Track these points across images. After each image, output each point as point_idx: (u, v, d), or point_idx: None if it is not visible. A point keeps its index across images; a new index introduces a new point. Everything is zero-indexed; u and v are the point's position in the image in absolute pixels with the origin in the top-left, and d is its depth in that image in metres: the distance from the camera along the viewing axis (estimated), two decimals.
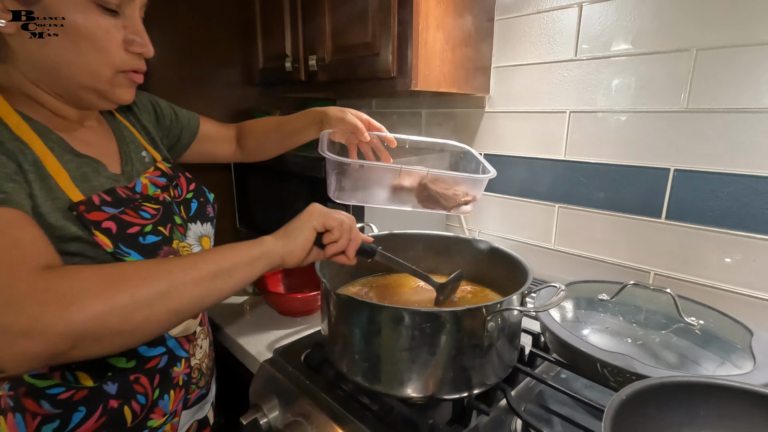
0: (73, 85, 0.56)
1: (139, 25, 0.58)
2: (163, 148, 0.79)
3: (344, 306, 0.63)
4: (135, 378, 0.62)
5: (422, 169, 0.73)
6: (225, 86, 1.41)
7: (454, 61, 1.02)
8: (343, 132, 0.83)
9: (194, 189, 0.75)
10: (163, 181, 0.69)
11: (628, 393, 0.52)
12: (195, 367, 0.72)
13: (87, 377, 0.59)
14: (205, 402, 0.77)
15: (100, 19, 0.54)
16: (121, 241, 0.56)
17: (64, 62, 0.54)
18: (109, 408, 0.60)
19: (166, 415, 0.66)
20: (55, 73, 0.55)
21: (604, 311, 0.80)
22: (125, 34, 0.57)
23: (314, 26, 1.11)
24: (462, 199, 0.76)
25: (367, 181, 0.77)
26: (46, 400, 0.57)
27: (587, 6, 0.96)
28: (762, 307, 0.82)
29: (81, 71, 0.55)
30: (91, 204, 0.55)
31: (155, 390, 0.65)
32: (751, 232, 0.82)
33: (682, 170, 0.88)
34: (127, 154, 0.68)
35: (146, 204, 0.62)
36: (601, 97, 0.97)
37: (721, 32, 0.80)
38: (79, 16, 0.52)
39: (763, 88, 0.77)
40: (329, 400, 0.67)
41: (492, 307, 0.58)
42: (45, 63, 0.54)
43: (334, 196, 0.76)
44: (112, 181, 0.61)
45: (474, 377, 0.60)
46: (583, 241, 1.06)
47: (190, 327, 0.71)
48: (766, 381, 0.58)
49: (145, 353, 0.64)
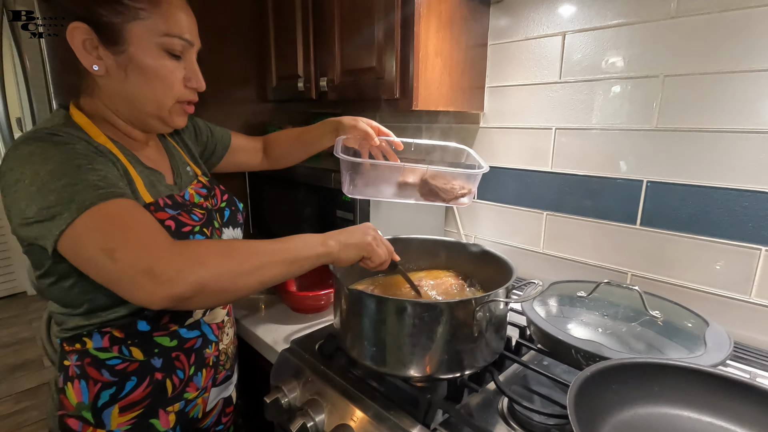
0: (143, 113, 0.70)
1: (195, 66, 0.72)
2: (202, 164, 0.93)
3: (355, 299, 0.74)
4: (176, 355, 0.74)
5: (423, 166, 0.85)
6: (241, 103, 1.53)
7: (451, 83, 1.14)
8: (356, 138, 0.95)
9: (227, 199, 0.87)
10: (204, 192, 0.82)
11: (592, 371, 0.63)
12: (222, 351, 0.84)
13: (139, 352, 0.71)
14: (230, 383, 0.88)
15: (168, 62, 0.68)
16: (177, 236, 0.68)
17: (138, 95, 0.68)
18: (155, 379, 0.72)
19: (199, 390, 0.78)
20: (131, 103, 0.69)
21: (581, 306, 0.91)
22: (185, 73, 0.71)
23: (325, 51, 1.23)
24: (459, 192, 0.87)
25: (376, 179, 0.89)
26: (106, 370, 0.69)
27: (570, 35, 1.07)
28: (721, 302, 0.93)
29: (150, 102, 0.69)
30: (158, 205, 0.68)
31: (191, 367, 0.76)
32: (712, 236, 0.92)
33: (653, 182, 0.99)
34: (177, 169, 0.82)
35: (196, 209, 0.75)
36: (583, 116, 1.08)
37: (685, 62, 0.91)
38: (153, 60, 0.67)
39: (719, 110, 0.88)
40: (342, 382, 0.78)
41: (480, 299, 0.68)
42: (124, 96, 0.68)
43: (348, 192, 0.88)
44: (169, 190, 0.75)
45: (465, 360, 0.71)
46: (569, 245, 1.17)
47: (218, 315, 0.83)
48: (712, 362, 0.68)
49: (185, 335, 0.76)
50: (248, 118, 1.55)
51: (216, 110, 1.47)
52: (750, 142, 0.86)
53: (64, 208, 0.54)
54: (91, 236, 0.54)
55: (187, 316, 0.76)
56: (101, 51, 0.64)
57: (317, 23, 1.24)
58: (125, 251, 0.54)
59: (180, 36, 0.68)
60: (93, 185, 0.56)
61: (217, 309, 0.82)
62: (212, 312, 0.81)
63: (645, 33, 0.95)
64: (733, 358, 0.84)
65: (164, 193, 0.72)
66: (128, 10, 0.63)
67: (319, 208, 1.27)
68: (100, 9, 0.62)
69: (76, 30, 0.63)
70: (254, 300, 1.19)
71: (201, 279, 0.54)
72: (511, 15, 1.17)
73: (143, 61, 0.66)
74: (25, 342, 2.84)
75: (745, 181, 0.87)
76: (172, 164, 0.81)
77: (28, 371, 2.53)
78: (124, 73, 0.66)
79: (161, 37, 0.66)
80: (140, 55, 0.65)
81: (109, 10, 0.63)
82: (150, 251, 0.54)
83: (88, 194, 0.55)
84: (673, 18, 0.91)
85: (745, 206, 0.88)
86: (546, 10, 1.10)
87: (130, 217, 0.57)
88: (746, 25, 0.83)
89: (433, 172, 0.86)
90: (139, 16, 0.64)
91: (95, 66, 0.65)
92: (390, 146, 0.97)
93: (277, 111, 1.61)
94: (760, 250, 0.87)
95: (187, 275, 0.54)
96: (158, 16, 0.65)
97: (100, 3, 0.63)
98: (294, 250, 0.64)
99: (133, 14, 0.64)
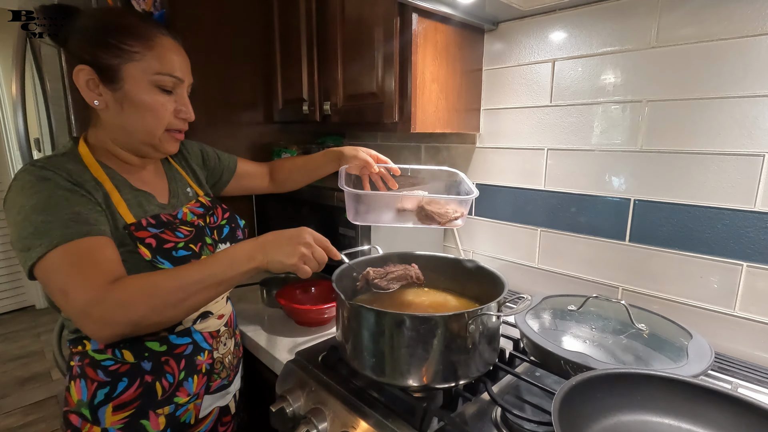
0: (136, 141, 0.79)
1: (185, 99, 0.82)
2: (206, 186, 1.00)
3: (355, 312, 0.78)
4: (165, 360, 0.80)
5: (419, 193, 0.92)
6: (249, 125, 1.60)
7: (447, 107, 1.20)
8: (356, 166, 1.04)
9: (228, 217, 0.95)
10: (200, 211, 0.90)
11: (577, 380, 0.67)
12: (218, 360, 0.89)
13: (130, 355, 0.78)
14: (227, 393, 0.93)
15: (159, 97, 0.77)
16: (159, 253, 0.76)
17: (132, 126, 0.77)
18: (145, 381, 0.78)
19: (190, 396, 0.84)
20: (126, 132, 0.78)
21: (572, 320, 0.95)
22: (176, 105, 0.80)
23: (328, 76, 1.30)
24: (453, 216, 0.93)
25: (377, 206, 0.96)
26: (101, 370, 0.77)
27: (559, 62, 1.14)
28: (706, 315, 0.97)
29: (142, 132, 0.78)
30: (139, 225, 0.76)
31: (181, 372, 0.82)
32: (696, 252, 0.97)
33: (640, 200, 1.04)
34: (175, 190, 0.90)
35: (182, 227, 0.82)
36: (573, 137, 1.14)
37: (666, 88, 0.97)
38: (146, 95, 0.76)
39: (698, 134, 0.94)
40: (343, 391, 0.82)
41: (473, 312, 0.73)
42: (120, 126, 0.77)
43: (352, 219, 0.94)
44: (160, 209, 0.83)
45: (460, 370, 0.75)
46: (563, 261, 1.21)
47: (212, 324, 0.88)
48: (693, 373, 0.72)
49: (175, 341, 0.82)
50: (255, 139, 1.62)
51: (225, 131, 1.54)
52: (727, 164, 0.91)
53: (37, 243, 0.64)
54: (54, 275, 0.64)
55: (177, 324, 0.82)
56: (101, 89, 0.74)
57: (321, 51, 1.32)
58: (73, 294, 0.63)
59: (170, 74, 0.77)
60: (64, 224, 0.65)
61: (211, 318, 0.88)
62: (205, 320, 0.87)
63: (628, 61, 1.02)
64: (717, 369, 0.88)
65: (152, 213, 0.80)
66: (125, 53, 0.73)
67: (323, 226, 1.33)
68: (101, 53, 0.72)
69: (81, 72, 0.72)
70: (260, 314, 1.24)
71: (130, 320, 0.64)
72: (504, 42, 1.24)
73: (137, 97, 0.75)
74: (34, 355, 2.89)
75: (724, 200, 0.92)
76: (171, 186, 0.90)
77: (37, 384, 2.58)
78: (120, 107, 0.75)
79: (153, 75, 0.75)
80: (134, 92, 0.74)
81: (109, 54, 0.73)
82: (89, 295, 0.63)
83: (58, 233, 0.64)
84: (654, 47, 0.97)
85: (726, 223, 0.92)
86: (537, 39, 1.17)
87: (87, 258, 0.65)
88: (720, 56, 0.89)
89: (429, 198, 0.93)
90: (134, 58, 0.74)
91: (96, 101, 0.75)
92: (388, 172, 1.05)
93: (283, 132, 1.68)
94: (742, 265, 0.91)
95: (119, 318, 0.63)
96: (152, 57, 0.75)
97: (102, 48, 0.72)
98: (221, 274, 0.69)
99: (129, 56, 0.73)
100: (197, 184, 0.97)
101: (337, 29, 1.24)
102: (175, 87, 0.78)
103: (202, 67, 1.43)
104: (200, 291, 0.67)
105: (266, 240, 0.73)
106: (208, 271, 0.68)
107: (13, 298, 3.52)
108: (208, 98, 1.46)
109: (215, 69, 1.48)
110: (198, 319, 0.85)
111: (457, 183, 1.07)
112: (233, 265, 0.70)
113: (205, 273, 0.68)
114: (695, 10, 0.91)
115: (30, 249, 0.64)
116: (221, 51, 1.48)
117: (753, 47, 0.85)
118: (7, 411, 2.33)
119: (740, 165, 0.89)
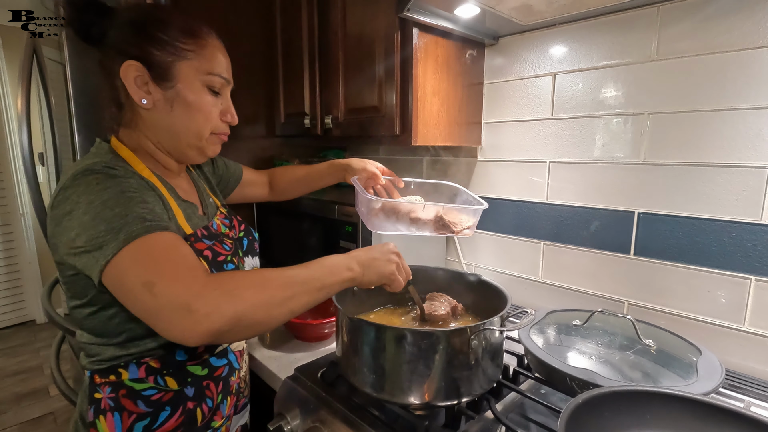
0: (183, 143, 0.76)
1: (230, 102, 0.80)
2: (219, 195, 0.98)
3: (355, 327, 0.77)
4: (206, 384, 0.76)
5: (439, 204, 0.95)
6: (250, 138, 1.61)
7: (448, 120, 1.20)
8: (364, 178, 1.03)
9: (244, 229, 0.92)
10: (227, 222, 0.88)
11: (584, 398, 0.65)
12: (243, 378, 0.87)
13: (173, 381, 0.73)
14: (246, 410, 0.91)
15: (209, 98, 0.75)
16: (213, 266, 0.73)
17: (181, 126, 0.74)
18: (187, 408, 0.73)
19: (224, 418, 0.80)
20: (173, 134, 0.75)
21: (577, 335, 0.93)
22: (222, 107, 0.78)
23: (330, 91, 1.31)
24: (465, 225, 0.94)
25: (395, 215, 0.96)
26: (142, 401, 0.70)
27: (560, 75, 1.14)
28: (714, 331, 0.95)
29: (191, 133, 0.75)
30: (197, 236, 0.73)
31: (219, 395, 0.78)
32: (703, 266, 0.95)
33: (644, 213, 1.03)
34: (204, 201, 0.87)
35: (226, 239, 0.80)
36: (575, 150, 1.13)
37: (668, 101, 0.97)
38: (196, 96, 0.73)
39: (702, 146, 0.93)
40: (343, 409, 0.80)
41: (475, 327, 0.72)
42: (167, 127, 0.74)
43: (370, 227, 0.94)
44: (202, 221, 0.80)
45: (462, 387, 0.73)
46: (567, 274, 1.20)
47: (240, 343, 0.86)
48: (703, 390, 0.70)
49: (215, 363, 0.78)
50: (257, 152, 1.63)
51: (228, 145, 1.53)
52: (732, 176, 0.90)
53: (112, 238, 0.56)
54: (134, 268, 0.56)
55: (218, 345, 0.79)
56: (151, 86, 0.70)
57: (323, 65, 1.33)
58: (164, 286, 0.54)
59: (220, 75, 0.75)
60: (141, 218, 0.59)
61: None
62: None
63: (629, 74, 1.02)
64: (728, 387, 0.85)
65: (199, 225, 0.77)
66: (178, 51, 0.71)
67: (324, 239, 1.32)
68: (153, 49, 0.69)
69: (130, 67, 0.68)
70: None
71: (237, 313, 0.55)
72: (505, 56, 1.25)
73: (188, 96, 0.72)
74: (32, 371, 2.86)
75: (730, 212, 0.91)
76: (200, 196, 0.87)
77: (34, 401, 2.54)
78: (170, 106, 0.72)
79: (205, 75, 0.73)
80: (186, 91, 0.72)
81: (162, 51, 0.70)
82: (188, 287, 0.54)
83: (136, 226, 0.57)
84: (654, 60, 0.97)
85: (733, 237, 0.91)
86: (537, 53, 1.18)
87: (172, 251, 0.58)
88: (722, 68, 0.89)
89: (447, 208, 0.96)
90: (187, 56, 0.71)
91: (144, 100, 0.70)
92: (393, 184, 1.05)
93: (285, 146, 1.69)
94: (750, 279, 0.90)
95: (225, 310, 0.54)
96: (203, 57, 0.73)
97: (155, 44, 0.69)
98: (322, 278, 0.65)
99: (183, 54, 0.71)
100: (214, 194, 0.95)
101: (338, 44, 1.25)
102: (222, 88, 0.77)
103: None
104: (304, 293, 0.63)
105: (358, 254, 0.73)
106: (313, 274, 0.65)
107: (14, 313, 3.50)
108: None
109: None
110: None
111: (458, 196, 1.06)
112: (333, 272, 0.67)
113: (310, 275, 0.65)
114: (695, 24, 0.91)
115: (103, 246, 0.56)
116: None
117: (755, 60, 0.85)
118: (4, 428, 2.30)
119: (745, 177, 0.88)
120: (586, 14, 1.05)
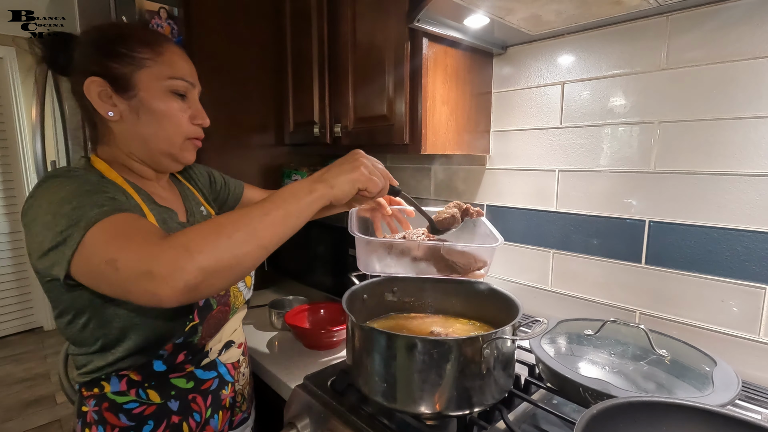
0: (155, 151, 0.77)
1: (198, 105, 0.80)
2: (215, 207, 0.98)
3: (366, 335, 0.77)
4: (192, 397, 0.76)
5: (438, 243, 0.84)
6: (259, 147, 1.62)
7: (457, 129, 1.21)
8: (367, 209, 0.96)
9: None
10: None
11: (599, 408, 0.64)
12: (239, 392, 0.86)
13: (156, 395, 0.73)
14: (247, 426, 0.90)
15: (174, 103, 0.76)
16: None
17: (151, 134, 0.75)
18: (172, 423, 0.74)
19: None
20: (144, 143, 0.76)
21: (589, 345, 0.92)
22: (191, 111, 0.78)
23: (339, 100, 1.32)
24: (476, 266, 0.86)
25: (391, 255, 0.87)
26: (124, 414, 0.71)
27: (568, 84, 1.14)
28: (729, 341, 0.93)
29: (162, 140, 0.76)
30: None
31: (208, 409, 0.78)
32: (716, 275, 0.94)
33: (656, 221, 1.02)
34: (191, 209, 0.88)
35: None
36: (584, 159, 1.13)
37: (678, 109, 0.97)
38: (161, 102, 0.74)
39: (713, 154, 0.93)
40: (353, 418, 0.79)
41: (487, 336, 0.71)
42: (137, 137, 0.75)
43: (362, 268, 0.88)
44: (181, 227, 0.80)
45: (474, 397, 0.73)
46: (577, 284, 1.19)
47: (234, 355, 0.85)
48: (720, 402, 0.69)
49: (201, 376, 0.78)
50: (266, 161, 1.64)
51: (237, 153, 1.56)
52: (744, 185, 0.89)
53: (74, 229, 0.57)
54: (96, 251, 0.56)
55: (203, 357, 0.79)
56: (115, 99, 0.72)
57: (332, 74, 1.34)
58: (125, 259, 0.54)
59: (183, 78, 0.76)
60: (99, 204, 0.59)
61: (233, 348, 0.86)
62: (228, 350, 0.84)
63: (639, 83, 1.02)
64: (744, 399, 0.84)
65: (175, 230, 0.77)
66: (136, 60, 0.72)
67: (332, 247, 1.32)
68: (112, 63, 0.71)
69: (93, 83, 0.71)
70: (268, 337, 1.22)
71: (200, 264, 0.53)
72: (513, 65, 1.26)
73: (152, 103, 0.73)
74: (39, 378, 2.86)
75: (743, 221, 0.90)
76: (186, 204, 0.88)
77: (41, 408, 2.54)
78: (137, 115, 0.73)
79: (166, 81, 0.74)
80: (149, 98, 0.73)
81: (120, 63, 0.72)
82: (146, 252, 0.54)
83: (94, 211, 0.58)
84: (664, 69, 0.97)
85: (747, 246, 0.90)
86: (546, 62, 1.18)
87: (129, 227, 0.58)
88: (732, 77, 0.89)
89: (449, 248, 0.83)
90: (145, 64, 0.73)
91: (110, 112, 0.72)
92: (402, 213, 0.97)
93: (294, 154, 1.70)
94: (765, 289, 0.89)
95: (185, 265, 0.52)
96: (161, 63, 0.74)
97: (113, 58, 0.71)
98: (284, 206, 0.61)
99: (140, 63, 0.73)
100: (209, 204, 0.96)
101: (348, 54, 1.26)
102: (187, 92, 0.78)
103: (216, 90, 1.46)
104: (268, 225, 0.59)
105: (320, 172, 0.68)
106: (269, 205, 0.61)
107: (22, 319, 3.53)
108: (220, 121, 1.49)
109: (228, 93, 1.51)
110: (222, 350, 0.83)
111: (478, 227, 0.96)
112: (295, 196, 0.63)
113: (266, 206, 0.60)
114: (705, 34, 0.91)
115: (68, 239, 0.57)
116: (234, 75, 1.52)
117: (766, 69, 0.85)
118: None
119: (758, 186, 0.88)
120: (595, 24, 1.05)
